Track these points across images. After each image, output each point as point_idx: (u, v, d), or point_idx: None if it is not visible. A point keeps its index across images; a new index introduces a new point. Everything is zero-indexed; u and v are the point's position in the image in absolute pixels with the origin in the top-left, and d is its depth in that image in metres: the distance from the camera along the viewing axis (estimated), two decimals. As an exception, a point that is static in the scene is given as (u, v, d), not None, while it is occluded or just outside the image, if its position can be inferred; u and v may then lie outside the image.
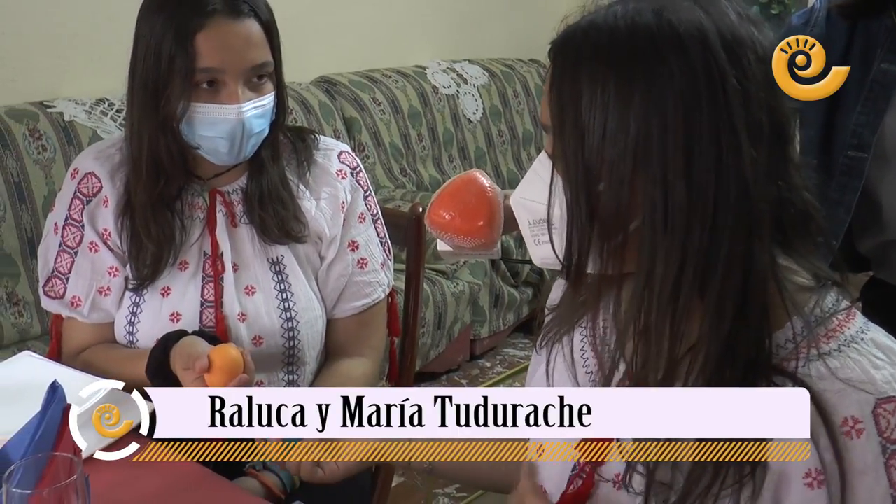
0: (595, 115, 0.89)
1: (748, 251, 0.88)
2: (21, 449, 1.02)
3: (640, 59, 0.88)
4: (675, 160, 0.87)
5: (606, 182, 0.89)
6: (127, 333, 1.60)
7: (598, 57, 0.89)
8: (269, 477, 1.49)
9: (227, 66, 1.47)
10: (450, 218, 1.32)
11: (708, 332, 0.89)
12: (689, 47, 0.87)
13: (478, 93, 4.30)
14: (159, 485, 1.28)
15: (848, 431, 0.86)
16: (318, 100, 3.65)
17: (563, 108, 0.91)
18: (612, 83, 0.88)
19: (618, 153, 0.88)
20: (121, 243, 1.58)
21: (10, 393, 1.43)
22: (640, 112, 0.87)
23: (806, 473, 0.87)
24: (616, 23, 0.90)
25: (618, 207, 0.90)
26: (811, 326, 0.91)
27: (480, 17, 4.58)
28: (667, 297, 0.89)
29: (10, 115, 2.73)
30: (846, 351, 0.90)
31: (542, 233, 0.98)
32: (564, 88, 0.91)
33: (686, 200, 0.87)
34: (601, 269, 0.94)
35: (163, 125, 1.50)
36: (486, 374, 3.61)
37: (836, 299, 0.95)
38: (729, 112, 0.87)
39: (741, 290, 0.89)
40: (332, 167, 1.66)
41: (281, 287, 1.60)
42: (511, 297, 3.71)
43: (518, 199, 1.02)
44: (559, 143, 0.92)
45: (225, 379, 1.36)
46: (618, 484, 1.00)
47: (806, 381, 0.88)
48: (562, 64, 0.93)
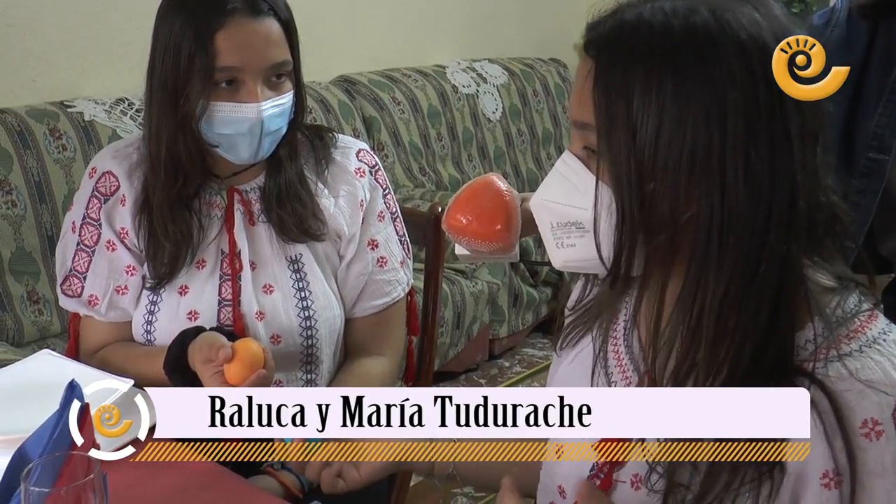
0: (649, 115, 0.87)
1: (788, 254, 0.88)
2: (39, 447, 1.02)
3: (700, 62, 0.86)
4: (734, 165, 0.86)
5: (659, 183, 0.88)
6: (145, 332, 1.60)
7: (652, 55, 0.88)
8: (286, 476, 1.49)
9: (247, 64, 1.47)
10: (467, 222, 1.31)
11: (744, 331, 0.88)
12: (750, 52, 0.86)
13: (497, 92, 4.29)
14: (176, 483, 1.28)
15: (867, 433, 0.86)
16: (338, 99, 3.65)
17: (611, 106, 0.89)
18: (670, 84, 0.86)
19: (673, 155, 0.87)
20: (138, 242, 1.59)
21: (29, 391, 1.43)
22: (700, 116, 0.86)
23: (823, 474, 0.87)
24: (669, 20, 0.88)
25: (669, 207, 0.88)
26: (832, 327, 0.90)
27: (500, 16, 4.57)
28: (719, 299, 0.88)
29: (30, 115, 2.74)
30: (867, 352, 0.89)
31: (566, 235, 0.97)
32: (613, 86, 0.89)
33: (744, 205, 0.86)
34: (646, 270, 0.93)
35: (182, 124, 1.50)
36: (504, 373, 3.60)
37: (859, 300, 0.94)
38: (785, 117, 0.86)
39: (777, 290, 0.88)
40: (351, 165, 1.66)
41: (299, 286, 1.60)
42: (530, 296, 3.70)
43: (540, 201, 1.00)
44: (605, 142, 0.90)
45: (245, 372, 1.36)
46: (635, 485, 0.99)
47: (825, 381, 0.87)
48: (609, 60, 0.90)
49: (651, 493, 0.96)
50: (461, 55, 4.35)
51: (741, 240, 0.87)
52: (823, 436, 0.86)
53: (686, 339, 0.91)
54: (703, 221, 0.88)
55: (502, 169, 4.24)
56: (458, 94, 4.11)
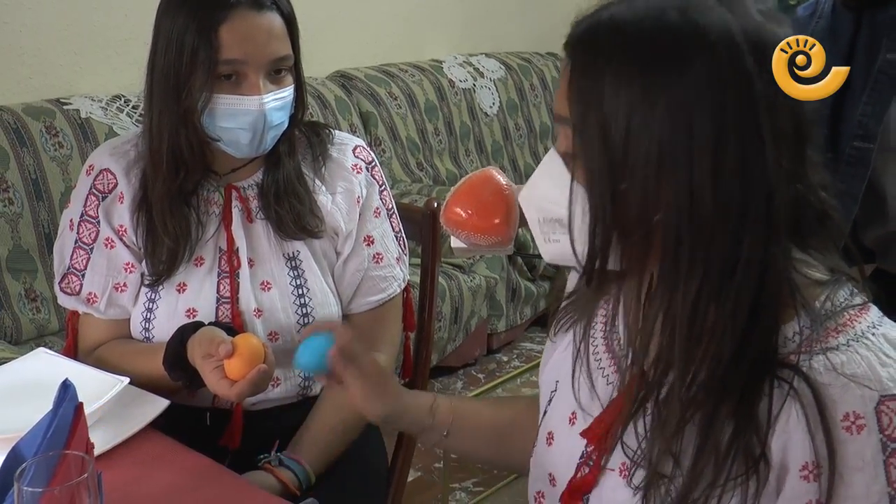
0: (619, 113, 0.88)
1: (766, 252, 0.88)
2: (33, 447, 1.02)
3: (667, 60, 0.87)
4: (701, 163, 0.86)
5: (630, 182, 0.89)
6: (143, 330, 1.60)
7: (622, 55, 0.89)
8: (284, 472, 1.49)
9: (250, 57, 1.47)
10: (466, 216, 1.31)
11: (723, 329, 0.89)
12: (717, 50, 0.86)
13: (494, 86, 4.28)
14: (172, 481, 1.28)
15: (848, 427, 0.86)
16: (335, 94, 3.65)
17: (584, 104, 0.90)
18: (638, 83, 0.87)
19: (643, 153, 0.87)
20: (136, 239, 1.58)
21: (24, 390, 1.43)
22: (667, 114, 0.86)
23: (802, 466, 0.87)
24: (640, 21, 0.89)
25: (641, 206, 0.89)
26: (819, 321, 0.90)
27: (497, 10, 4.56)
28: (691, 298, 0.89)
29: (27, 113, 2.74)
30: (854, 346, 0.89)
31: (551, 231, 0.98)
32: (586, 84, 0.90)
33: (712, 202, 0.87)
34: (620, 268, 0.93)
35: (183, 118, 1.50)
36: (502, 368, 3.60)
37: (850, 293, 0.94)
38: (754, 115, 0.86)
39: (757, 288, 0.89)
40: (348, 162, 1.66)
41: (297, 283, 1.60)
42: (528, 290, 3.70)
43: (526, 196, 1.01)
44: (579, 140, 0.91)
45: (245, 368, 1.36)
46: (623, 473, 1.00)
47: (809, 374, 0.88)
48: (583, 58, 0.91)
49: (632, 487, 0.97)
50: (458, 50, 4.34)
51: (712, 240, 0.87)
52: (806, 427, 0.87)
53: (662, 337, 0.92)
54: (672, 221, 0.88)
55: (500, 163, 4.24)
56: (455, 89, 4.11)
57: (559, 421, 1.11)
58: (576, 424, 1.08)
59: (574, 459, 1.06)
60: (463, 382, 3.48)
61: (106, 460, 1.28)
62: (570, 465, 1.06)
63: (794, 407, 0.87)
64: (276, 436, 1.55)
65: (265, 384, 1.40)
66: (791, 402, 0.88)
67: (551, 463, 1.11)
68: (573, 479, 1.06)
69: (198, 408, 1.59)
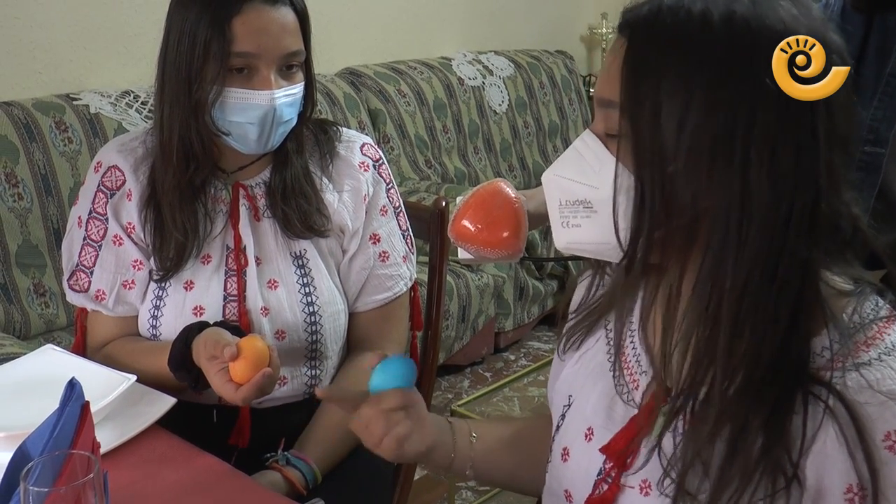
0: (678, 99, 0.86)
1: (809, 258, 0.87)
2: (39, 446, 1.02)
3: (736, 51, 0.85)
4: (759, 159, 0.85)
5: (680, 165, 0.87)
6: (150, 327, 1.60)
7: (689, 40, 0.87)
8: (291, 471, 1.49)
9: (263, 51, 1.47)
10: (475, 231, 1.29)
11: (764, 328, 0.87)
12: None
13: (503, 84, 4.27)
14: (179, 480, 1.28)
15: (891, 446, 0.84)
16: (343, 92, 3.65)
17: (639, 85, 0.88)
18: (704, 73, 0.86)
19: (699, 142, 0.86)
20: (144, 236, 1.58)
21: (31, 387, 1.44)
22: (729, 105, 0.85)
23: (847, 489, 0.85)
24: (709, 8, 0.87)
25: (689, 194, 0.87)
26: (848, 335, 0.88)
27: (506, 8, 4.55)
28: (736, 293, 0.87)
29: (36, 108, 2.75)
30: (887, 360, 0.87)
31: (572, 214, 0.96)
32: (644, 67, 0.88)
33: (765, 201, 0.85)
34: (663, 259, 0.91)
35: (194, 111, 1.50)
36: (510, 366, 3.60)
37: (876, 304, 0.92)
38: (814, 116, 0.85)
39: (798, 296, 0.87)
40: (355, 159, 1.66)
41: (304, 281, 1.60)
42: (536, 289, 3.69)
43: (552, 176, 0.98)
44: (628, 121, 0.89)
45: (250, 371, 1.36)
46: (644, 490, 0.98)
47: (844, 392, 0.85)
48: (643, 41, 0.89)
49: (662, 496, 0.94)
50: (467, 47, 4.34)
51: (759, 236, 0.85)
52: (846, 449, 0.84)
53: (702, 332, 0.89)
54: (721, 211, 0.86)
55: (508, 161, 4.24)
56: (464, 87, 4.10)
57: (575, 436, 1.08)
58: (592, 441, 1.05)
59: (591, 476, 1.03)
60: (470, 381, 3.48)
61: (112, 458, 1.28)
62: (587, 482, 1.04)
63: (832, 427, 0.85)
64: (283, 434, 1.55)
65: (270, 387, 1.39)
66: (827, 424, 0.85)
67: (567, 479, 1.08)
68: (591, 497, 1.03)
69: (204, 405, 1.59)
